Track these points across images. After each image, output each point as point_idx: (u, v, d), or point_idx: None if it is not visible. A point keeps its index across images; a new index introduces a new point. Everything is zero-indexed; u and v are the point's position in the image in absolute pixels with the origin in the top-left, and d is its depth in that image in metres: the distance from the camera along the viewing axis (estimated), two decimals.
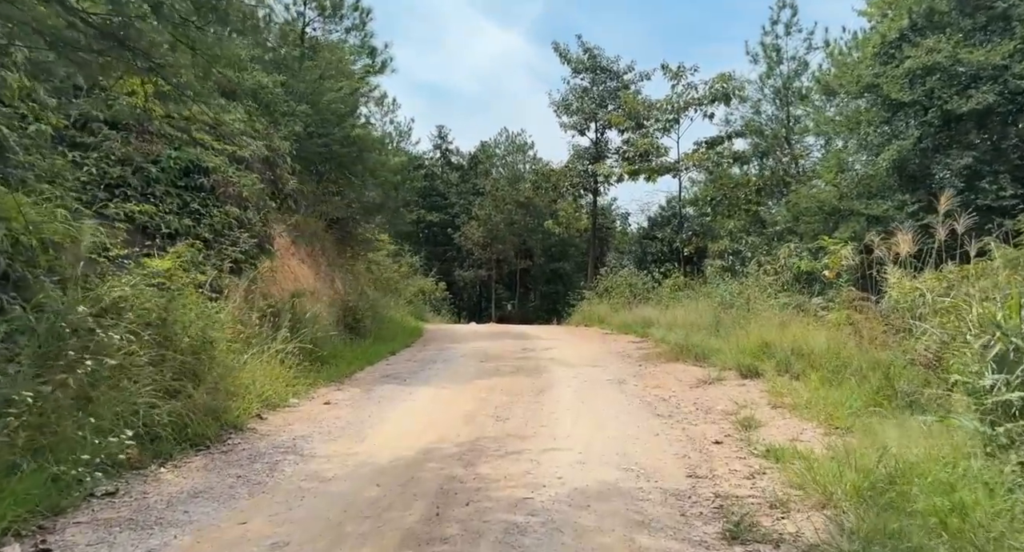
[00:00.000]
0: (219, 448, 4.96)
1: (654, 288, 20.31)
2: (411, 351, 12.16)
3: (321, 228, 14.36)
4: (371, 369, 9.67)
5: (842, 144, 17.13)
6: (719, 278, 15.42)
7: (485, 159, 49.27)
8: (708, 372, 8.80)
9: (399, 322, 16.66)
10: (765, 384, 7.85)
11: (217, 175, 9.05)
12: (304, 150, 13.67)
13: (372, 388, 7.93)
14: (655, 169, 20.92)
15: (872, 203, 14.17)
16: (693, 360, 9.83)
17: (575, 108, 26.09)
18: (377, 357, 10.80)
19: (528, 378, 8.65)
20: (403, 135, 46.67)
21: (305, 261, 12.40)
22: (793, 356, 8.47)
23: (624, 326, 16.87)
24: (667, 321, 14.17)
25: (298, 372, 7.73)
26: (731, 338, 10.40)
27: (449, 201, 48.44)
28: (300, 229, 12.76)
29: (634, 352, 11.53)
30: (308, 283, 11.81)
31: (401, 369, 9.62)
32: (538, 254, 44.13)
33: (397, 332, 14.39)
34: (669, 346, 10.95)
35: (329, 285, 13.11)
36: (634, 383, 8.28)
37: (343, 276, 14.80)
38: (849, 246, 11.27)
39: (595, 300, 22.86)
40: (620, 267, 24.91)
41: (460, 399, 7.22)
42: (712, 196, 19.72)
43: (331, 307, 12.28)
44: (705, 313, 13.23)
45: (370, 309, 16.03)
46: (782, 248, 14.85)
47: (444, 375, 8.96)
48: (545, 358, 10.83)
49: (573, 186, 26.38)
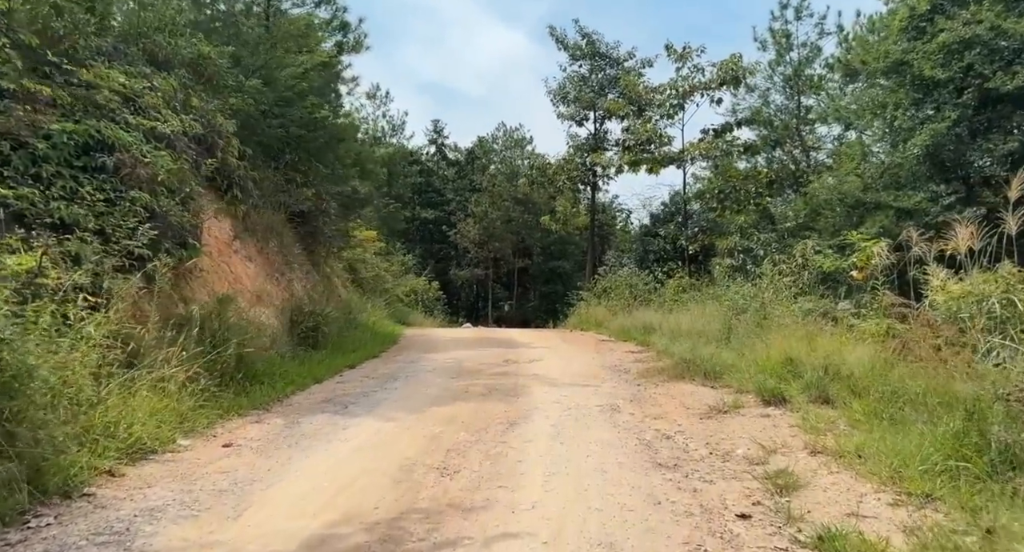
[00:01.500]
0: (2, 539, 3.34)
1: (656, 289, 18.67)
2: (374, 364, 10.54)
3: (280, 222, 12.74)
4: (315, 390, 8.05)
5: (864, 131, 15.50)
6: (728, 279, 13.78)
7: (482, 154, 47.73)
8: (721, 396, 7.17)
9: (374, 328, 15.05)
10: (795, 415, 6.23)
11: (124, 154, 7.47)
12: (259, 132, 12.08)
13: (300, 419, 6.31)
14: (658, 159, 19.21)
15: (901, 195, 12.53)
16: (702, 379, 8.20)
17: (573, 97, 24.42)
18: (329, 373, 9.19)
19: (501, 403, 7.02)
20: (396, 128, 45.27)
21: (254, 259, 10.79)
22: (826, 377, 6.84)
23: (623, 332, 15.24)
24: (671, 327, 12.53)
25: (204, 399, 6.12)
26: (747, 351, 8.77)
27: (445, 197, 46.93)
28: (249, 222, 11.16)
29: (632, 366, 9.90)
30: (253, 285, 10.20)
31: (351, 389, 7.99)
32: (536, 252, 42.55)
33: (366, 340, 12.77)
34: (673, 360, 9.31)
35: (285, 287, 11.50)
36: (630, 411, 6.65)
37: (306, 277, 13.18)
38: (883, 242, 9.63)
39: (593, 302, 21.23)
40: (619, 266, 23.28)
41: (405, 438, 5.60)
42: (720, 189, 18.06)
43: (282, 313, 10.68)
44: (714, 319, 11.60)
45: (341, 313, 14.43)
46: (797, 245, 13.23)
47: (398, 399, 7.33)
48: (528, 374, 9.20)
49: (571, 180, 24.71)
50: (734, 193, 17.51)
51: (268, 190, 12.46)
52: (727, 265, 13.89)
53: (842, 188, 13.30)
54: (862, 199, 12.82)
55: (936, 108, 12.50)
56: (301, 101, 12.55)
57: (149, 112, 8.48)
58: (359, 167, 23.65)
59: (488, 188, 40.80)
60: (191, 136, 9.22)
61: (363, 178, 25.71)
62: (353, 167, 22.45)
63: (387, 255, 33.17)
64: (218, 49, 10.88)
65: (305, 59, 12.75)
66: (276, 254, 11.90)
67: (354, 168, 22.29)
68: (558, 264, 41.55)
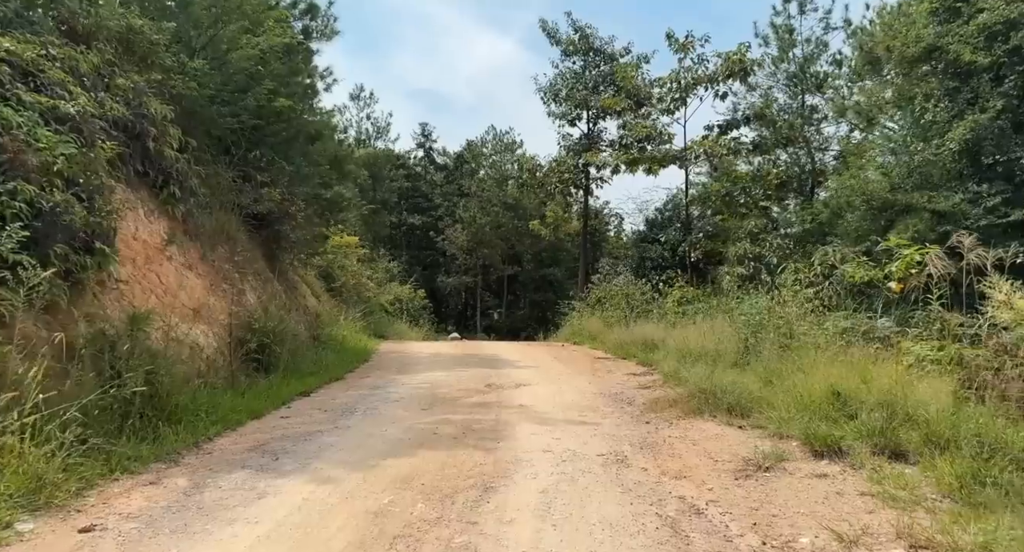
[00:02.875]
0: None
1: (654, 300, 17.22)
2: (333, 390, 8.99)
3: (234, 225, 11.18)
4: (249, 429, 6.50)
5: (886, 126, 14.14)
6: (737, 289, 12.33)
7: (472, 158, 46.38)
8: (754, 441, 5.69)
9: (343, 344, 13.48)
10: (861, 475, 4.75)
11: (4, 136, 5.97)
12: (207, 122, 10.55)
13: (210, 479, 4.77)
14: (657, 158, 17.75)
15: (936, 196, 11.14)
16: (725, 415, 6.70)
17: (565, 95, 22.99)
18: (274, 404, 7.64)
19: (476, 452, 5.50)
20: (381, 130, 43.81)
21: (195, 267, 9.23)
22: (892, 419, 5.37)
23: (621, 347, 13.75)
24: (676, 345, 11.05)
25: (83, 454, 4.59)
26: (775, 380, 7.30)
27: (433, 203, 45.51)
28: (192, 225, 9.60)
29: (636, 394, 8.39)
30: (191, 298, 8.64)
31: (292, 429, 6.45)
32: (527, 259, 41.12)
33: (330, 360, 11.23)
34: (687, 389, 7.81)
35: (234, 300, 9.93)
36: (642, 465, 5.15)
37: (264, 287, 11.62)
38: (934, 249, 8.20)
39: (586, 313, 19.75)
40: (615, 274, 21.83)
41: (340, 514, 4.08)
42: (727, 191, 16.63)
43: (227, 331, 9.11)
44: (727, 337, 10.13)
45: (305, 328, 12.87)
46: (817, 252, 11.83)
47: (347, 445, 5.79)
48: (512, 404, 7.68)
49: (562, 183, 23.25)
50: (743, 195, 16.09)
51: (218, 188, 10.91)
52: (737, 274, 12.43)
53: (867, 188, 11.88)
54: (890, 200, 11.41)
55: (973, 98, 11.14)
56: (256, 86, 11.02)
57: (54, 90, 6.99)
58: (336, 168, 22.18)
59: (477, 193, 39.41)
60: (112, 120, 7.74)
61: (341, 179, 24.23)
62: (329, 169, 21.00)
63: (370, 262, 31.65)
64: (154, 23, 9.37)
65: (262, 40, 11.22)
66: (226, 262, 10.33)
67: (330, 169, 20.84)
68: (549, 271, 40.18)
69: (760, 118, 17.51)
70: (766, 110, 17.35)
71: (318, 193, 18.98)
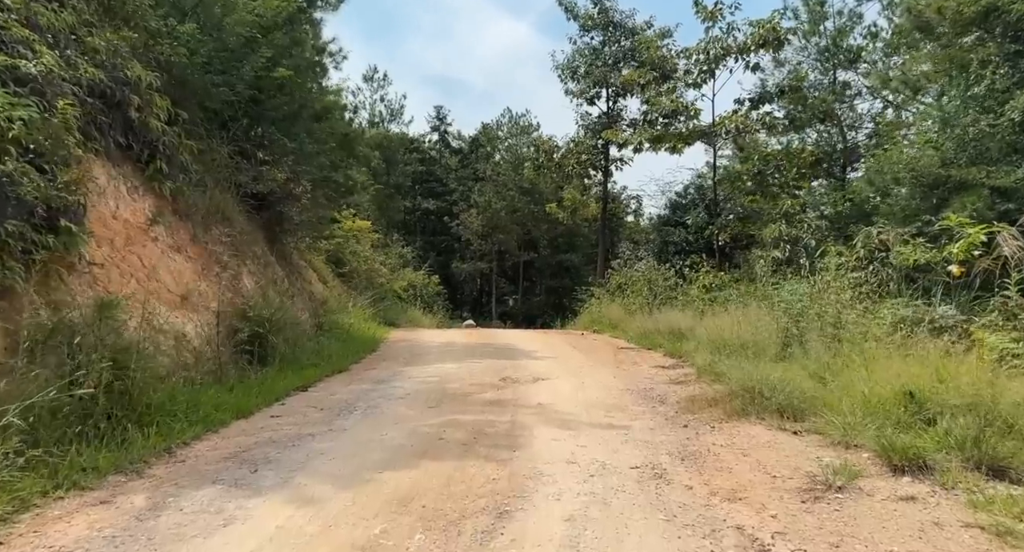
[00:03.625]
0: None
1: (678, 286, 16.30)
2: (334, 384, 8.23)
3: (230, 205, 10.43)
4: (232, 431, 5.75)
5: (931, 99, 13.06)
6: (772, 274, 11.39)
7: (487, 141, 45.45)
8: (816, 451, 4.84)
9: (351, 332, 12.74)
10: (957, 497, 3.89)
11: None
12: (199, 92, 9.76)
13: (170, 499, 4.01)
14: (683, 135, 16.69)
15: (996, 171, 10.11)
16: (775, 418, 5.84)
17: (583, 72, 21.94)
18: (266, 401, 6.89)
19: (488, 463, 4.70)
20: (395, 113, 42.93)
21: (185, 250, 8.49)
22: (985, 427, 4.49)
23: (645, 337, 12.89)
24: (708, 334, 10.16)
25: (20, 467, 3.85)
26: (829, 376, 6.43)
27: (448, 187, 44.73)
28: (182, 203, 8.85)
29: (668, 390, 7.54)
30: (178, 283, 7.90)
31: (281, 432, 5.68)
32: (543, 245, 40.25)
33: (335, 350, 10.48)
34: (727, 386, 6.95)
35: (228, 285, 9.19)
36: (686, 481, 4.32)
37: (264, 272, 10.88)
38: (1005, 228, 7.24)
39: (605, 299, 18.88)
40: (636, 259, 20.90)
41: (315, 550, 3.30)
42: (759, 169, 15.58)
43: (220, 319, 8.38)
44: (765, 326, 9.23)
45: (309, 316, 12.14)
46: (860, 233, 10.85)
47: (339, 453, 5.01)
48: (530, 403, 6.87)
49: (580, 164, 22.25)
50: (778, 174, 15.03)
51: (214, 165, 10.15)
52: (772, 258, 11.48)
53: (917, 164, 10.85)
54: (942, 176, 10.40)
55: None
56: (253, 54, 10.20)
57: (16, 48, 6.23)
58: (346, 149, 21.42)
59: (492, 177, 38.54)
60: (87, 85, 6.98)
61: (351, 161, 23.45)
62: (338, 149, 20.25)
63: (384, 247, 30.99)
64: None
65: (258, 3, 10.39)
66: (220, 244, 9.59)
67: (338, 149, 20.08)
68: (566, 257, 39.30)
69: (795, 90, 16.38)
70: (800, 82, 16.20)
71: (327, 176, 18.25)
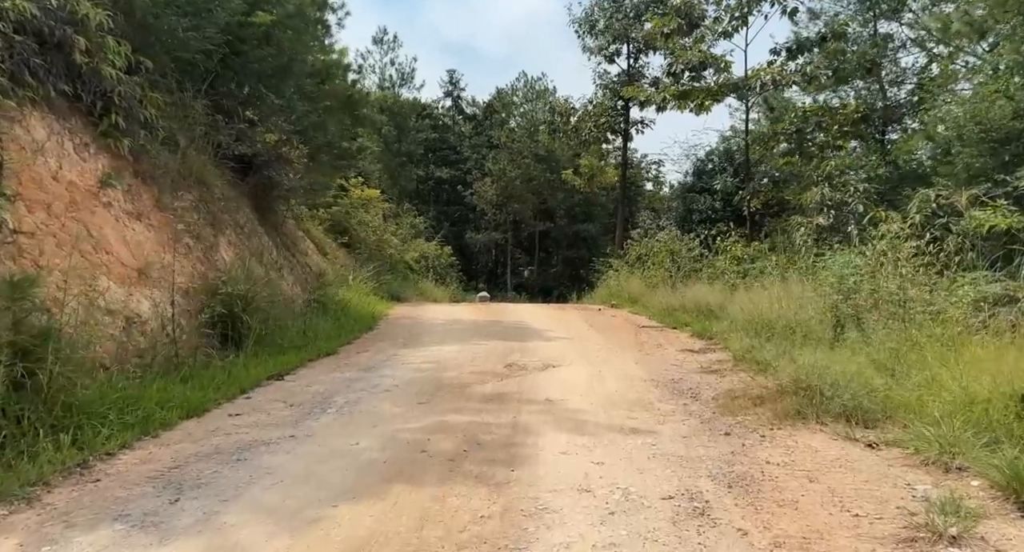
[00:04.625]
0: None
1: (704, 257, 15.07)
2: (315, 371, 7.21)
3: (207, 168, 9.34)
4: (176, 435, 4.74)
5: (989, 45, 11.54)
6: (815, 244, 10.12)
7: (502, 107, 43.90)
8: (903, 473, 3.72)
9: (348, 308, 11.71)
10: None
11: None
12: (165, 39, 8.61)
13: (44, 549, 3.00)
14: (712, 90, 15.20)
15: None
16: (841, 421, 4.71)
17: (603, 26, 20.39)
18: (229, 393, 5.88)
19: (479, 489, 3.64)
20: (406, 77, 41.41)
21: (146, 217, 7.44)
22: None
23: (668, 313, 11.77)
24: (742, 313, 8.99)
25: None
26: (901, 368, 5.28)
27: (461, 155, 43.36)
28: (145, 164, 7.79)
29: (702, 382, 6.41)
30: (135, 254, 6.87)
31: (235, 437, 4.67)
32: (560, 215, 38.91)
33: (326, 329, 9.47)
34: (773, 378, 5.82)
35: (200, 258, 8.16)
36: (738, 523, 3.22)
37: (247, 242, 9.84)
38: None
39: (624, 272, 17.71)
40: (657, 229, 19.63)
41: None
42: (798, 127, 14.14)
43: (188, 297, 7.36)
44: (809, 304, 8.05)
45: (301, 291, 11.14)
46: (916, 196, 9.58)
47: (294, 471, 3.98)
48: (538, 399, 5.79)
49: (598, 127, 20.84)
50: (820, 131, 13.58)
51: (187, 123, 9.06)
52: (815, 226, 10.21)
53: (986, 115, 9.45)
54: (1017, 129, 9.03)
55: None
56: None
57: None
58: (348, 112, 20.21)
59: (507, 144, 37.15)
60: (15, 21, 5.91)
61: (356, 124, 22.26)
62: (341, 111, 19.04)
63: (395, 217, 29.97)
64: None
65: None
66: (194, 211, 8.54)
67: (341, 111, 18.87)
68: (583, 227, 38.01)
69: (838, 37, 14.79)
70: (843, 27, 14.60)
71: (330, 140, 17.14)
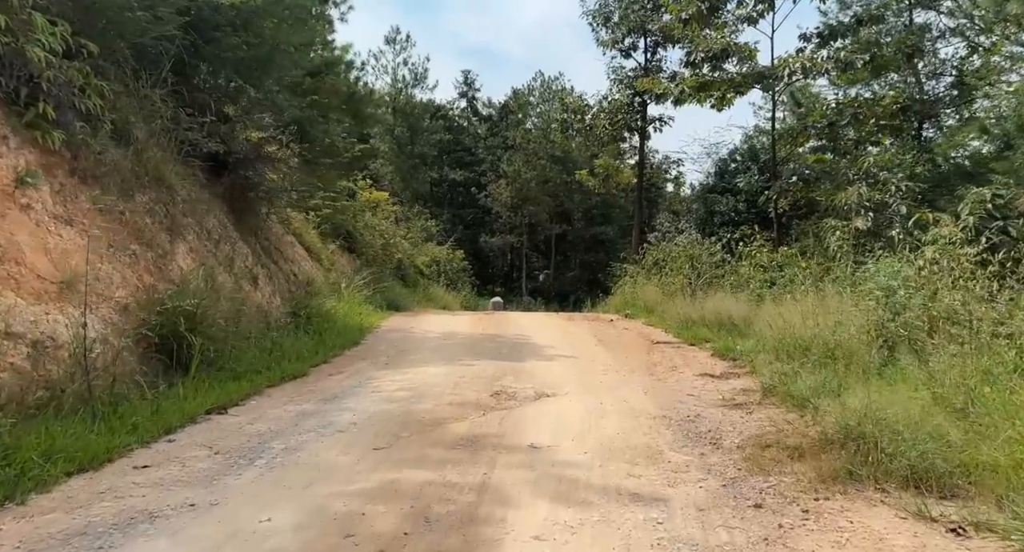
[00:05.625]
0: None
1: (726, 263, 13.87)
2: (268, 402, 6.17)
3: (169, 166, 8.39)
4: (56, 497, 3.74)
5: None
6: (853, 249, 8.91)
7: (517, 108, 42.97)
8: None
9: (333, 320, 10.71)
10: None
11: None
12: (116, 21, 7.68)
13: None
14: (735, 81, 13.97)
15: None
16: (908, 487, 3.58)
17: (618, 18, 19.25)
18: (148, 435, 4.86)
19: None
20: (419, 77, 40.55)
21: (79, 221, 6.48)
22: None
23: (686, 326, 10.62)
24: (771, 329, 7.82)
25: None
26: (977, 405, 4.12)
27: (476, 157, 42.56)
28: (86, 161, 6.85)
29: (724, 421, 5.27)
30: (59, 265, 5.89)
31: (123, 503, 3.66)
32: (576, 217, 37.88)
33: (298, 347, 8.46)
34: (810, 418, 4.68)
35: (150, 267, 7.19)
36: None
37: (215, 249, 8.88)
38: None
39: (640, 278, 16.55)
40: (676, 232, 18.43)
41: None
42: (832, 120, 12.88)
43: (123, 315, 6.38)
44: (850, 319, 6.87)
45: (284, 302, 10.19)
46: (968, 195, 8.39)
47: None
48: (521, 445, 4.69)
49: (613, 125, 19.71)
50: (850, 127, 12.30)
51: (143, 116, 8.12)
52: (852, 230, 9.00)
53: None
54: None
55: None
56: None
57: None
58: (351, 110, 19.34)
59: (522, 145, 36.17)
60: None
61: (359, 123, 21.36)
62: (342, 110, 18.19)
63: (406, 220, 29.09)
64: None
65: None
66: (147, 214, 7.59)
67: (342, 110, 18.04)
68: (600, 230, 36.97)
69: (876, 20, 13.49)
70: (883, 10, 13.31)
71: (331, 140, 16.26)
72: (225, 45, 9.59)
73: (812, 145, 14.99)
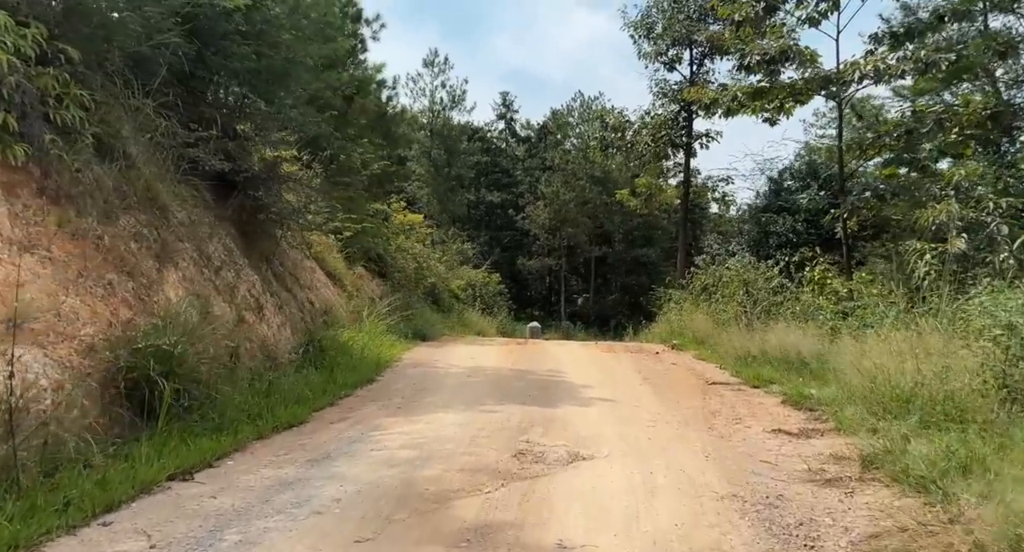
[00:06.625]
0: None
1: (785, 289, 12.48)
2: (244, 463, 5.13)
3: (165, 186, 7.57)
4: None
5: None
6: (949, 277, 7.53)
7: (556, 129, 42.23)
8: None
9: (350, 353, 9.71)
10: None
11: None
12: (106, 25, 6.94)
13: None
14: (795, 88, 12.56)
15: None
16: None
17: (661, 29, 18.18)
18: (75, 520, 3.84)
19: None
20: (456, 100, 40.08)
21: (43, 247, 5.63)
22: None
23: (746, 363, 9.32)
24: (857, 373, 6.49)
25: None
26: None
27: (514, 178, 41.88)
28: (60, 180, 6.03)
29: (817, 504, 4.01)
30: (2, 301, 5.01)
31: None
32: (617, 239, 36.64)
33: (303, 387, 7.45)
34: (944, 511, 3.42)
35: (128, 299, 6.31)
36: None
37: (214, 277, 8.00)
38: None
39: (688, 305, 15.24)
40: (726, 254, 17.07)
41: None
42: (910, 128, 11.48)
43: (88, 357, 5.47)
44: (960, 362, 5.55)
45: (292, 334, 9.27)
46: None
47: None
48: (545, 544, 3.55)
49: (656, 141, 18.54)
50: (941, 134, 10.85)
51: (136, 130, 7.33)
52: (946, 253, 7.63)
53: None
54: None
55: None
56: None
57: None
58: (381, 131, 18.69)
59: (561, 166, 35.29)
60: None
61: (390, 144, 20.66)
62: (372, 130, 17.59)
63: (441, 243, 28.34)
64: None
65: None
66: (132, 239, 6.74)
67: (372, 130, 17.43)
68: (642, 252, 35.63)
69: (960, 16, 12.08)
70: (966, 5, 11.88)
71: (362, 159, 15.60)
72: (234, 55, 8.82)
73: (877, 160, 13.56)
